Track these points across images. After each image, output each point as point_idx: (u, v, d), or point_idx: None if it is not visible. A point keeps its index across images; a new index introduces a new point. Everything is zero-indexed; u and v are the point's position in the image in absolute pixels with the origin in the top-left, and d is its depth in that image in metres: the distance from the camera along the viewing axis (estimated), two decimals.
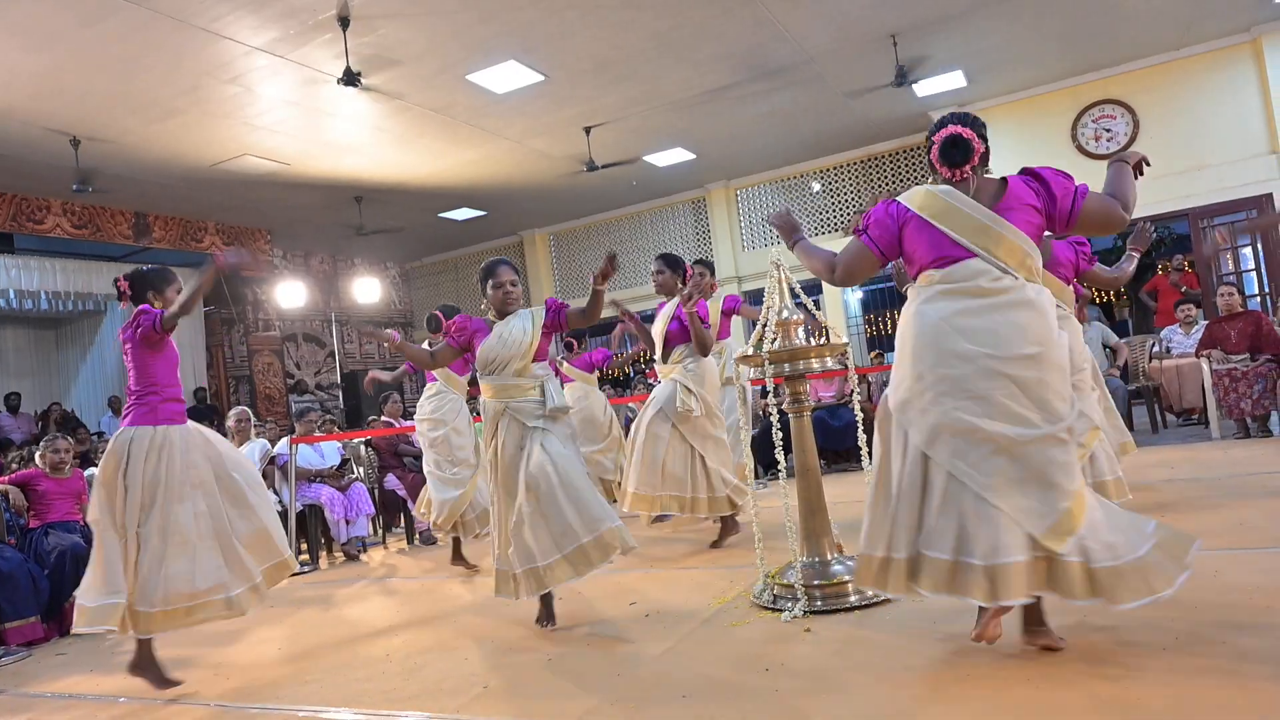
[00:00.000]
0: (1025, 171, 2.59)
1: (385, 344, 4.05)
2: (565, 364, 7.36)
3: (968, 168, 2.54)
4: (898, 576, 2.50)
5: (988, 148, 2.58)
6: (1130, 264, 4.56)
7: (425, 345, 4.69)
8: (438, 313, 5.44)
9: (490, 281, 3.69)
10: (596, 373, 7.27)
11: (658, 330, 5.01)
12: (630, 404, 8.50)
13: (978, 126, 2.58)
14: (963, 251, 2.50)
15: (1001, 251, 2.47)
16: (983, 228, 2.49)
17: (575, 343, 7.77)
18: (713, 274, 5.67)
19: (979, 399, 2.40)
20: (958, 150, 2.53)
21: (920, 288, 2.59)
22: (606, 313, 3.95)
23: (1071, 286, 4.25)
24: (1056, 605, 2.51)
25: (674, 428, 4.78)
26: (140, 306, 3.63)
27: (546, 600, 3.61)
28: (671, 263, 5.01)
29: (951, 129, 2.55)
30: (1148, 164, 2.70)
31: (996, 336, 2.42)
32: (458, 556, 5.32)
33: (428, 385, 5.68)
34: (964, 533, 2.38)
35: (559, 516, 3.39)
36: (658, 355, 5.05)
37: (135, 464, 3.38)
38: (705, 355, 4.88)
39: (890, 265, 2.99)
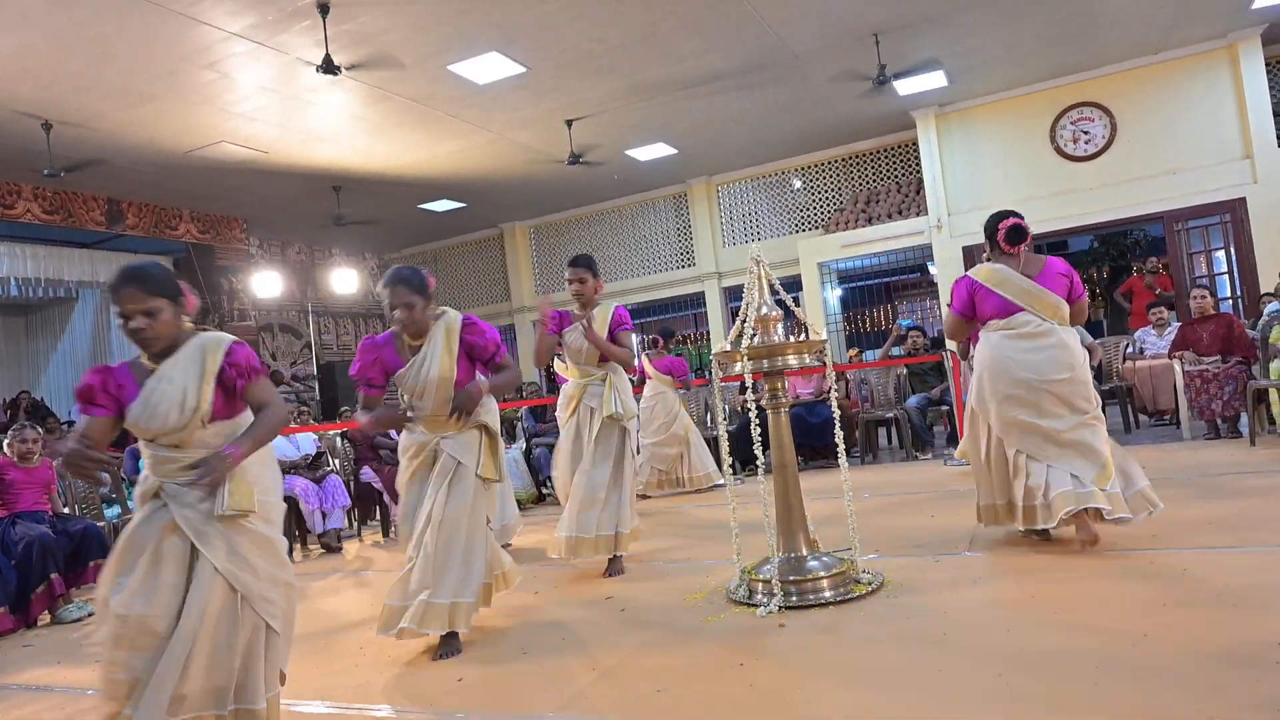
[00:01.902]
0: (1059, 259, 3.91)
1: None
2: (649, 362, 7.46)
3: (1021, 246, 3.81)
4: (994, 515, 3.85)
5: (1030, 231, 3.85)
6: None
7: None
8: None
9: (115, 310, 2.49)
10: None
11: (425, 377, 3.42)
12: None
13: (1023, 219, 3.84)
14: (1015, 307, 3.75)
15: (1040, 307, 3.72)
16: (1027, 291, 3.75)
17: (662, 340, 7.87)
18: (595, 275, 4.39)
19: (1032, 405, 3.65)
20: (1018, 235, 3.79)
21: (988, 331, 3.84)
22: None
23: None
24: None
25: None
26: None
27: None
28: (418, 287, 3.33)
29: (1013, 220, 3.81)
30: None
31: (1040, 366, 3.65)
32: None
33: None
34: (1030, 486, 3.62)
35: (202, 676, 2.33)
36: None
37: None
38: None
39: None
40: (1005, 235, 3.81)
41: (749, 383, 3.42)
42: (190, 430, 2.44)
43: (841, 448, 3.70)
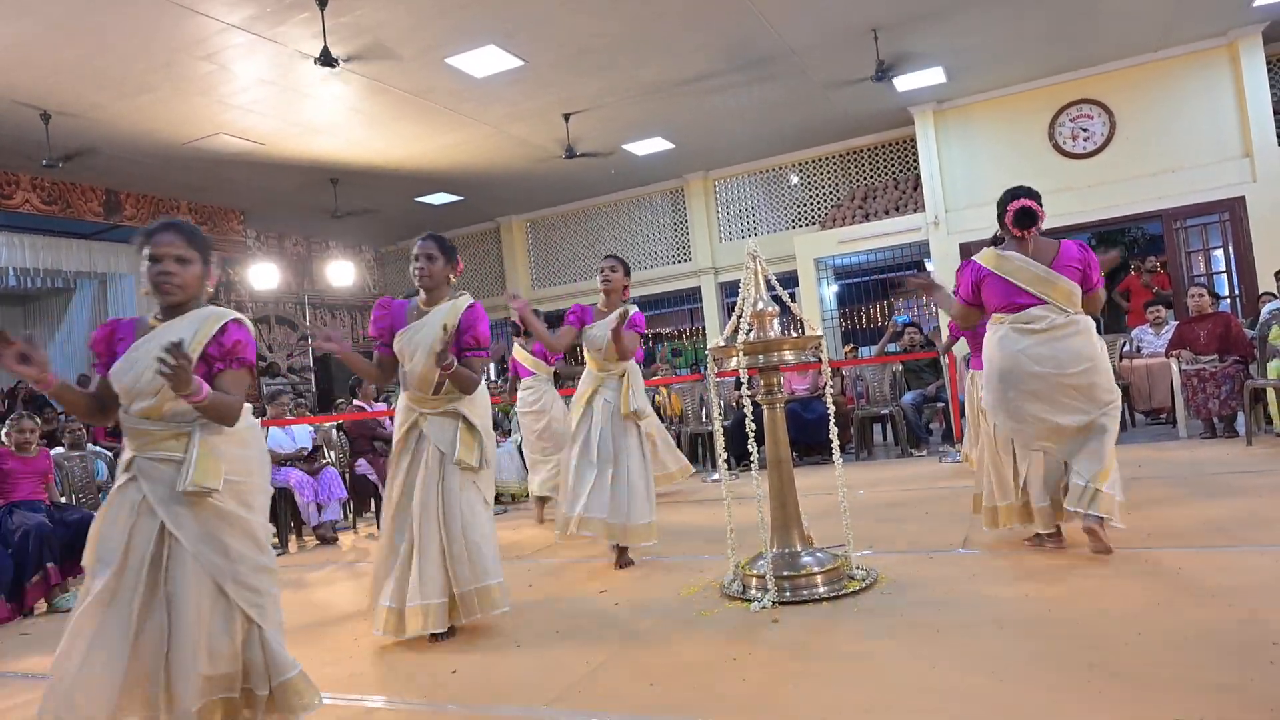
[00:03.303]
0: (1076, 242, 3.62)
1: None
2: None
3: (1032, 230, 3.54)
4: (994, 518, 3.74)
5: (1043, 215, 3.57)
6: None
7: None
8: None
9: (146, 253, 2.38)
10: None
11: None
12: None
13: (1038, 198, 3.56)
14: (1028, 298, 3.52)
15: (1055, 295, 3.49)
16: (1040, 279, 3.50)
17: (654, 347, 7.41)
18: (627, 274, 4.57)
19: (1048, 400, 3.48)
20: (1027, 218, 3.52)
21: (995, 324, 3.62)
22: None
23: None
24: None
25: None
26: None
27: None
28: (446, 248, 3.55)
29: (1024, 201, 3.52)
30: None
31: (1058, 359, 3.46)
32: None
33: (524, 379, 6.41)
34: (1042, 485, 3.56)
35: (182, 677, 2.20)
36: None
37: None
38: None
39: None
40: (1014, 217, 3.53)
41: (744, 378, 3.42)
42: (163, 398, 2.27)
43: (836, 444, 3.70)
